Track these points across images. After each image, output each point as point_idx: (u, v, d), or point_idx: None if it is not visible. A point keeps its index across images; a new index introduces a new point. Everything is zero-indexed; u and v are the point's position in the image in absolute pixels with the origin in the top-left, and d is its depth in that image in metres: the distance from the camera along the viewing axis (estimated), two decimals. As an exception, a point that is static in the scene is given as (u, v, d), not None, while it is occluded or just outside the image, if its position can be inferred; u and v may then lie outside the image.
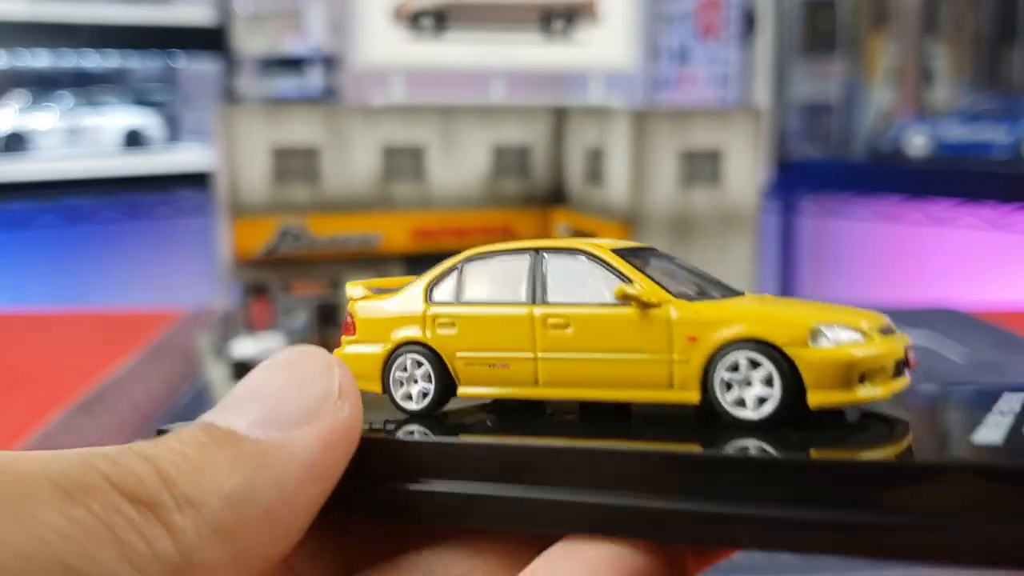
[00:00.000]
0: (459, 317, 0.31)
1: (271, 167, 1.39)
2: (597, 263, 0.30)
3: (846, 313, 0.28)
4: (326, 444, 0.23)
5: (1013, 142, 2.01)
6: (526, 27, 1.72)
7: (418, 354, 0.32)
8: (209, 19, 2.34)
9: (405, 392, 0.32)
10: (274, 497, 0.22)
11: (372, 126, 1.45)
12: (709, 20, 2.43)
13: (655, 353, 0.28)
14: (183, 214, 2.37)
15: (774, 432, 0.26)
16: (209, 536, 0.21)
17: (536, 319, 0.30)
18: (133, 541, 0.20)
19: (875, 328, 0.28)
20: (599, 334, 0.29)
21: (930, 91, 2.24)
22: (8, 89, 2.32)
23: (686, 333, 0.28)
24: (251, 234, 1.38)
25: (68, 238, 2.36)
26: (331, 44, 2.43)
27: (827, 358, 0.26)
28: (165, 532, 0.20)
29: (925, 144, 2.15)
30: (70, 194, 2.25)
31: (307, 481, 0.23)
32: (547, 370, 0.30)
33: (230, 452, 0.22)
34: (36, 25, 2.15)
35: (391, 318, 0.33)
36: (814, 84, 2.39)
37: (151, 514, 0.20)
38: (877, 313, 0.29)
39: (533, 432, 0.29)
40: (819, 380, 0.26)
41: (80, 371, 1.33)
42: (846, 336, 0.27)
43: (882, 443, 0.25)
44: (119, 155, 2.35)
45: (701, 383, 0.27)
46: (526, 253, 0.31)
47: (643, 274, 0.29)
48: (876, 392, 0.27)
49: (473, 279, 0.32)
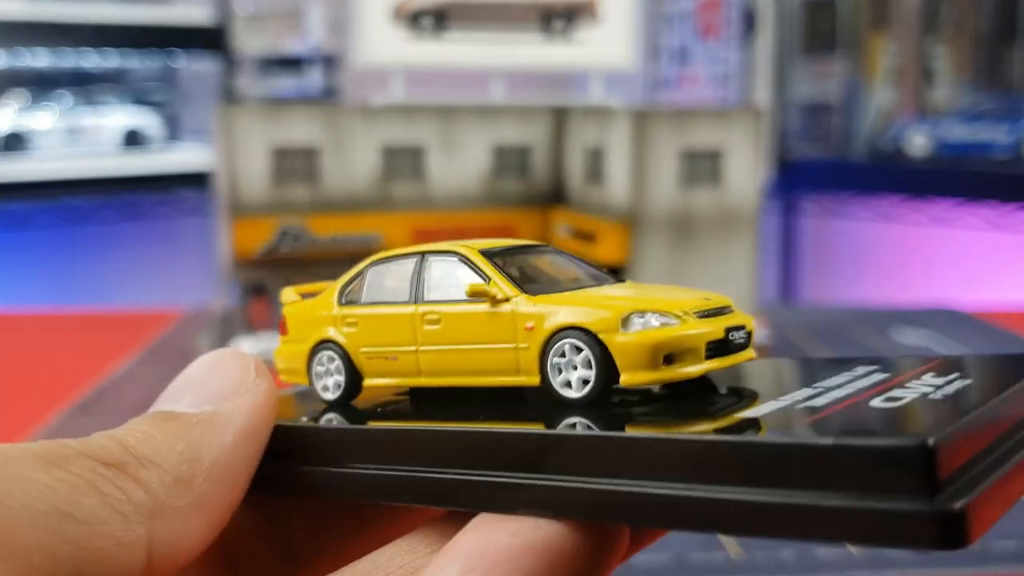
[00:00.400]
0: (360, 317, 0.36)
1: (271, 167, 1.39)
2: (465, 263, 0.34)
3: (673, 300, 0.31)
4: (252, 410, 0.28)
5: (1013, 142, 2.01)
6: (526, 27, 1.72)
7: (331, 351, 0.36)
8: (209, 19, 2.34)
9: (323, 384, 0.37)
10: (217, 454, 0.27)
11: (372, 126, 1.45)
12: (709, 20, 2.42)
13: (503, 343, 0.32)
14: (183, 214, 2.37)
15: (596, 410, 0.30)
16: (172, 484, 0.25)
17: (416, 316, 0.34)
18: (111, 491, 0.24)
19: (694, 312, 0.31)
20: (461, 328, 0.33)
21: (930, 91, 2.24)
22: (7, 89, 2.32)
23: (525, 323, 0.31)
24: (251, 234, 1.38)
25: (68, 238, 2.36)
26: (331, 44, 2.43)
27: (632, 342, 0.29)
28: (136, 484, 0.24)
29: (925, 144, 2.15)
30: (69, 194, 2.25)
31: (242, 440, 0.27)
32: (426, 361, 0.34)
33: (175, 424, 0.27)
34: (35, 25, 2.15)
35: (312, 319, 0.38)
36: (814, 84, 2.39)
37: (120, 472, 0.24)
38: (720, 296, 0.33)
39: (428, 417, 0.33)
40: (628, 362, 0.29)
41: (80, 371, 1.33)
42: (656, 321, 0.30)
43: (682, 416, 0.29)
44: (118, 155, 2.35)
45: (540, 366, 0.31)
46: (413, 257, 0.36)
47: (500, 272, 0.33)
48: (685, 371, 0.30)
49: (373, 282, 0.36)
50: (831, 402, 0.27)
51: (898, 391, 0.27)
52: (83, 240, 2.38)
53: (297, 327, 0.38)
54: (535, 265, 0.35)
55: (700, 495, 0.23)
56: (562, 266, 0.36)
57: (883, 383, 0.29)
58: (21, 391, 1.29)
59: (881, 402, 0.26)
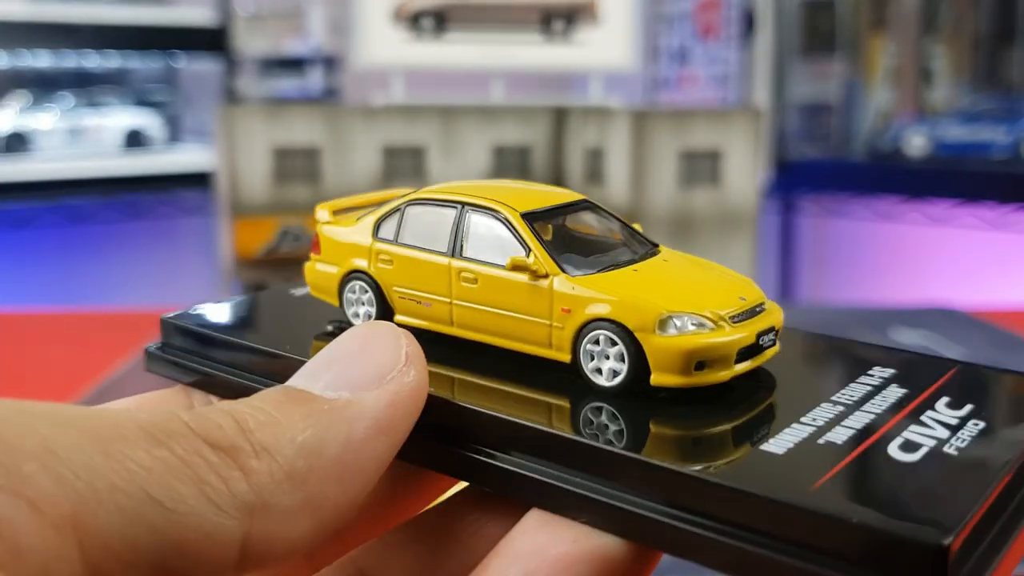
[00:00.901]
0: (395, 256, 0.36)
1: (271, 167, 1.39)
2: (506, 227, 0.34)
3: (711, 298, 0.32)
4: (393, 404, 0.26)
5: (1012, 142, 2.01)
6: (526, 27, 1.72)
7: (363, 282, 0.36)
8: (210, 19, 2.34)
9: (354, 311, 0.37)
10: (343, 449, 0.24)
11: (373, 126, 1.46)
12: (709, 20, 2.43)
13: (539, 317, 0.32)
14: (184, 214, 2.37)
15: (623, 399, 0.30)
16: (282, 480, 0.23)
17: (453, 270, 0.34)
18: (212, 480, 0.22)
19: (730, 316, 0.31)
20: (499, 294, 0.33)
21: (929, 91, 2.24)
22: (9, 89, 2.32)
23: (562, 304, 0.32)
24: (251, 234, 1.39)
25: (68, 238, 2.36)
26: (331, 44, 2.43)
27: (668, 346, 0.30)
28: (242, 475, 0.22)
29: (924, 144, 2.15)
30: (71, 194, 2.25)
31: (374, 436, 0.25)
32: (459, 315, 0.34)
33: (304, 408, 0.25)
34: (37, 25, 2.15)
35: (346, 245, 0.37)
36: (814, 84, 2.39)
37: (229, 458, 0.22)
38: (754, 290, 0.33)
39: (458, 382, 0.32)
40: (660, 364, 0.30)
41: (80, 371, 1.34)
42: (692, 326, 0.30)
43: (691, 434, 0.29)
44: (120, 155, 2.35)
45: (572, 348, 0.32)
46: (454, 206, 0.35)
47: (541, 244, 0.33)
48: (715, 377, 0.30)
49: (411, 222, 0.36)
50: (850, 441, 0.27)
51: (915, 431, 0.27)
52: (84, 240, 2.39)
53: (330, 248, 0.38)
54: (575, 229, 0.35)
55: (721, 540, 0.24)
56: (601, 231, 0.36)
57: (902, 404, 0.29)
58: (21, 391, 1.29)
59: (898, 451, 0.26)
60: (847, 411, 0.28)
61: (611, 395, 0.30)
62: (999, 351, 1.70)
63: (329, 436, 0.24)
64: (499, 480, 0.28)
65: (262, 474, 0.23)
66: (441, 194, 0.35)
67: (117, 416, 0.22)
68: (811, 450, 0.26)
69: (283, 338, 0.35)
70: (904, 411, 0.29)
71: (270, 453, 0.23)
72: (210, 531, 0.21)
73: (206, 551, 0.21)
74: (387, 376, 0.26)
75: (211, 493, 0.22)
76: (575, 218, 0.36)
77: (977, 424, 0.28)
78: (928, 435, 0.27)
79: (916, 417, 0.28)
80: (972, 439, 0.27)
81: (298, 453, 0.23)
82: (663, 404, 0.30)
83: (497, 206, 0.34)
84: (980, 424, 0.28)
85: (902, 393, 0.30)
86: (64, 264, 2.38)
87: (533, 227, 0.33)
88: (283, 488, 0.23)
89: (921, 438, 0.27)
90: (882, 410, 0.29)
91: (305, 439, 0.24)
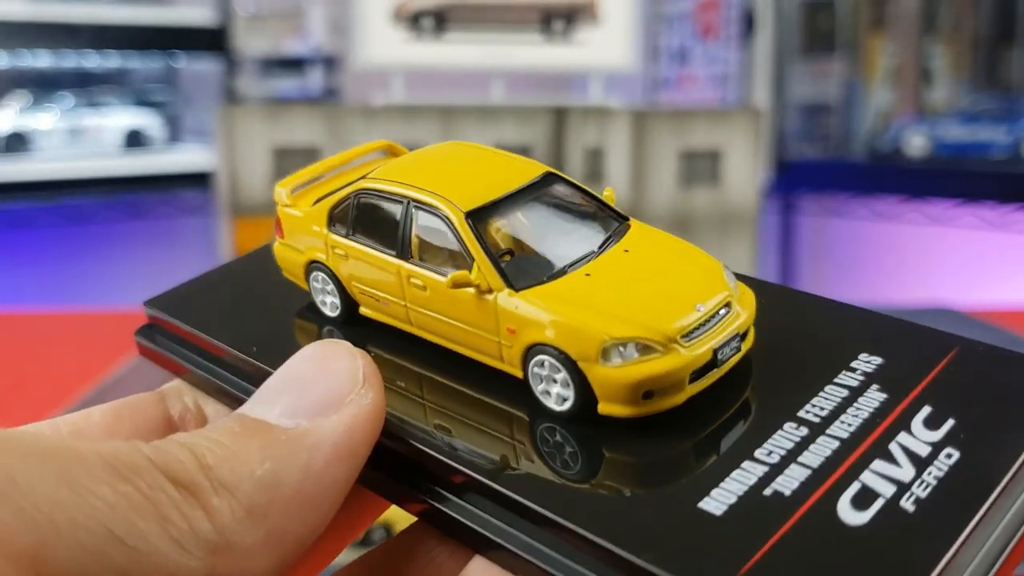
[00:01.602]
0: (350, 251, 0.34)
1: (272, 167, 1.39)
2: (450, 230, 0.31)
3: (663, 312, 0.29)
4: (351, 429, 0.25)
5: (1012, 142, 2.01)
6: (526, 28, 1.72)
7: (325, 273, 0.35)
8: (210, 19, 2.34)
9: (321, 300, 0.35)
10: (302, 480, 0.24)
11: (372, 126, 1.46)
12: (709, 20, 2.43)
13: (487, 332, 0.30)
14: (184, 214, 2.37)
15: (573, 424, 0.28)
16: (243, 518, 0.22)
17: (403, 273, 0.32)
18: (175, 518, 0.21)
19: (682, 333, 0.28)
20: (447, 304, 0.31)
21: (929, 91, 2.24)
22: (9, 89, 2.32)
23: (507, 324, 0.30)
24: (251, 234, 1.39)
25: (69, 238, 2.36)
26: (331, 44, 2.43)
27: (613, 377, 0.27)
28: (204, 514, 0.22)
29: (924, 144, 2.15)
30: (71, 194, 2.25)
31: (333, 464, 0.24)
32: (415, 318, 0.32)
33: (261, 440, 0.24)
34: (37, 25, 2.15)
35: (304, 230, 0.35)
36: (813, 84, 2.39)
37: (191, 496, 0.22)
38: (718, 282, 0.30)
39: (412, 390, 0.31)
40: (606, 395, 0.28)
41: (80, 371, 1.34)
42: (638, 352, 0.28)
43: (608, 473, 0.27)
44: (120, 155, 2.35)
45: (522, 367, 0.30)
46: (400, 201, 0.33)
47: (485, 253, 0.30)
48: (666, 403, 0.28)
49: (361, 216, 0.34)
50: (800, 491, 0.24)
51: (878, 470, 0.25)
52: (84, 240, 2.38)
53: (292, 232, 0.36)
54: (528, 223, 0.32)
55: None
56: (558, 220, 0.33)
57: (876, 421, 0.27)
58: (21, 391, 1.29)
59: (849, 508, 0.24)
60: (809, 438, 0.26)
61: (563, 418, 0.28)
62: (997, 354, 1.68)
63: (287, 468, 0.24)
64: (443, 522, 0.26)
65: (223, 513, 0.22)
66: (388, 184, 0.33)
67: (81, 448, 0.21)
68: (753, 507, 0.24)
69: (260, 323, 0.34)
70: (875, 432, 0.26)
71: (228, 490, 0.23)
72: (173, 571, 0.21)
73: None
74: (344, 399, 0.26)
75: (174, 532, 0.21)
76: (533, 202, 0.33)
77: (950, 456, 0.25)
78: (890, 477, 0.25)
79: (884, 446, 0.26)
80: (937, 484, 0.25)
81: (257, 488, 0.23)
82: (613, 433, 0.28)
83: (441, 204, 0.32)
84: (953, 455, 0.25)
85: (880, 401, 0.27)
86: (64, 264, 2.38)
87: (477, 231, 0.31)
88: (244, 525, 0.22)
89: (880, 483, 0.24)
90: (850, 432, 0.26)
91: (263, 473, 0.23)
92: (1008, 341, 1.66)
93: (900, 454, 0.25)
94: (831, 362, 0.29)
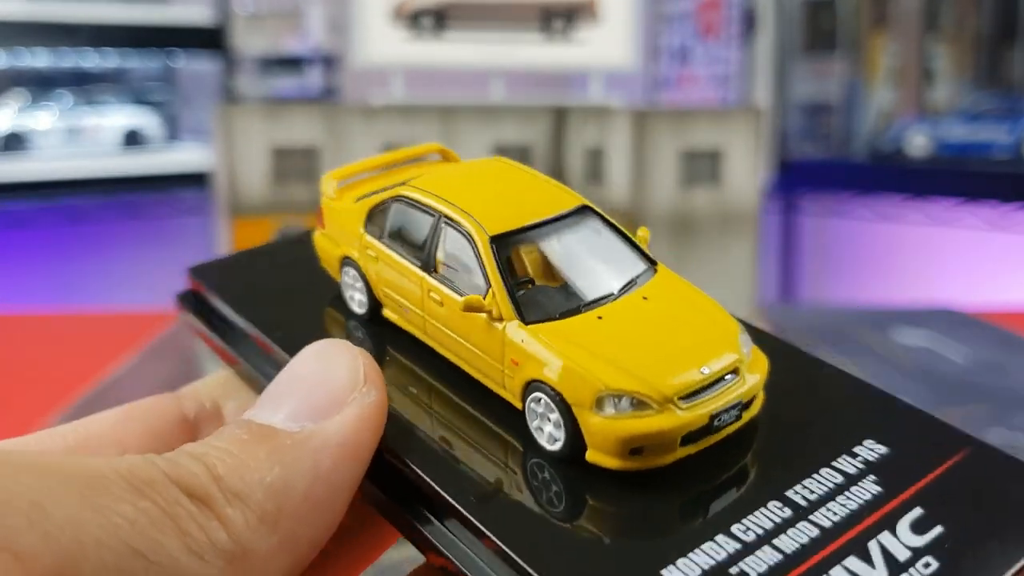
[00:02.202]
0: (380, 254, 0.34)
1: (271, 167, 1.39)
2: (473, 251, 0.31)
3: (669, 365, 0.28)
4: (356, 428, 0.26)
5: (1013, 142, 2.01)
6: (526, 27, 1.72)
7: (355, 270, 0.35)
8: (208, 18, 2.34)
9: (350, 295, 0.36)
10: (311, 483, 0.24)
11: (372, 126, 1.45)
12: (709, 20, 2.42)
13: (493, 358, 0.30)
14: (182, 214, 2.37)
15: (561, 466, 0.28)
16: (256, 526, 0.23)
17: (424, 287, 0.33)
18: (192, 531, 0.22)
19: (679, 395, 0.28)
20: (460, 323, 0.31)
21: (931, 91, 2.24)
22: (7, 89, 2.32)
23: (512, 355, 0.30)
24: (251, 234, 1.38)
25: (68, 238, 2.36)
26: (331, 44, 2.43)
27: (603, 428, 0.27)
28: (219, 524, 0.23)
29: (926, 144, 2.15)
30: (69, 194, 2.25)
31: (341, 464, 0.25)
32: (430, 330, 0.33)
33: (268, 446, 0.25)
34: (35, 25, 2.15)
35: (344, 226, 0.36)
36: (815, 84, 2.39)
37: (206, 508, 0.23)
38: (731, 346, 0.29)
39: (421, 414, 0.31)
40: (595, 443, 0.27)
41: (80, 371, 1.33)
42: (631, 407, 0.27)
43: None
44: (118, 155, 2.35)
45: (521, 399, 0.29)
46: (432, 214, 0.33)
47: (502, 281, 0.30)
48: (654, 462, 0.27)
49: (395, 221, 0.34)
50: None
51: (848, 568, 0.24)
52: (83, 240, 2.38)
53: (332, 225, 0.37)
54: (553, 255, 0.32)
55: None
56: (584, 256, 0.32)
57: (861, 516, 0.25)
58: (21, 391, 1.29)
59: None
60: (790, 520, 0.25)
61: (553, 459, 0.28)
62: (1000, 351, 1.69)
63: (296, 472, 0.24)
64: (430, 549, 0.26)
65: (237, 522, 0.23)
66: (424, 195, 0.33)
67: (99, 465, 0.22)
68: None
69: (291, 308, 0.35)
70: (858, 527, 0.25)
71: (241, 499, 0.23)
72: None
73: None
74: (347, 399, 0.26)
75: (192, 544, 0.22)
76: (562, 233, 0.32)
77: (928, 565, 0.24)
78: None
79: (863, 543, 0.25)
80: None
81: (267, 495, 0.24)
82: (599, 480, 0.27)
83: (469, 224, 0.31)
84: (932, 565, 0.24)
85: (873, 494, 0.26)
86: (63, 264, 2.38)
87: (498, 257, 0.31)
88: (258, 533, 0.23)
89: None
90: (833, 522, 0.25)
91: (273, 479, 0.24)
92: (1009, 341, 1.66)
93: (877, 554, 0.24)
94: (835, 442, 0.28)
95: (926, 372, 1.68)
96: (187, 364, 1.39)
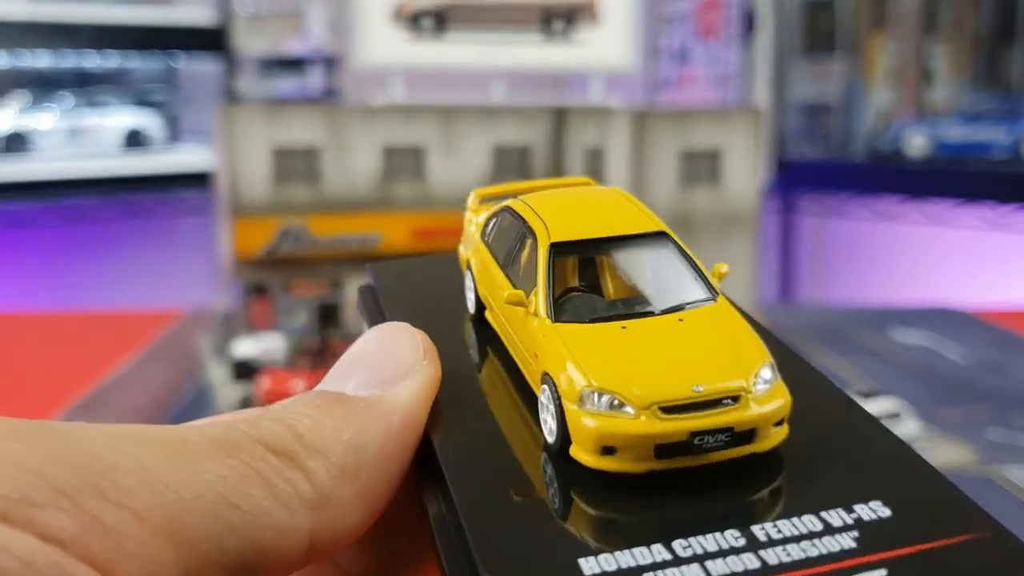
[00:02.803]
0: (483, 257, 0.37)
1: (271, 167, 1.39)
2: (534, 252, 0.33)
3: (664, 377, 0.28)
4: (418, 395, 0.29)
5: (1012, 142, 2.01)
6: (526, 27, 1.72)
7: (470, 273, 0.38)
8: (209, 19, 2.34)
9: (468, 296, 0.38)
10: (382, 442, 0.27)
11: (372, 126, 1.46)
12: (709, 20, 2.43)
13: (527, 350, 0.32)
14: (184, 214, 2.37)
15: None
16: (338, 476, 0.26)
17: (501, 283, 0.35)
18: (278, 482, 0.24)
19: (664, 404, 0.28)
20: (511, 315, 0.33)
21: (930, 91, 2.24)
22: (9, 89, 2.32)
23: (535, 348, 0.31)
24: (251, 234, 1.39)
25: (69, 238, 2.36)
26: (331, 44, 2.43)
27: (579, 422, 0.28)
28: (302, 475, 0.25)
29: (925, 144, 2.15)
30: (71, 194, 2.25)
31: (406, 427, 0.28)
32: (503, 329, 0.34)
33: (343, 409, 0.27)
34: (37, 25, 2.15)
35: (470, 236, 0.39)
36: (814, 84, 2.40)
37: (289, 461, 0.25)
38: (737, 376, 0.28)
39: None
40: (575, 438, 0.28)
41: (80, 371, 1.34)
42: (608, 407, 0.28)
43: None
44: (119, 155, 2.35)
45: (539, 391, 0.31)
46: (520, 222, 0.35)
47: (547, 283, 0.32)
48: (628, 466, 0.27)
49: (498, 227, 0.37)
50: None
51: None
52: (84, 240, 2.39)
53: (465, 235, 0.40)
54: (612, 270, 0.33)
55: None
56: (645, 276, 0.33)
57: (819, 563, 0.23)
58: (21, 391, 1.29)
59: None
60: (737, 550, 0.24)
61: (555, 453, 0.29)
62: (999, 351, 1.70)
63: (371, 431, 0.27)
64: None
65: (320, 472, 0.25)
66: (521, 206, 0.35)
67: (187, 432, 0.25)
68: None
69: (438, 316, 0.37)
70: (799, 572, 0.23)
71: (322, 453, 0.26)
72: (281, 528, 0.24)
73: (280, 546, 0.24)
74: (411, 369, 0.29)
75: (280, 494, 0.24)
76: (630, 252, 0.33)
77: None
78: None
79: None
80: None
81: (346, 450, 0.26)
82: (578, 478, 0.27)
83: (539, 230, 0.34)
84: None
85: (841, 548, 0.24)
86: (64, 264, 2.38)
87: (552, 262, 0.33)
88: (340, 483, 0.26)
89: None
90: (776, 563, 0.23)
91: (351, 437, 0.26)
92: (1009, 341, 1.66)
93: None
94: (838, 495, 0.26)
95: (925, 372, 1.68)
96: (188, 364, 1.40)
